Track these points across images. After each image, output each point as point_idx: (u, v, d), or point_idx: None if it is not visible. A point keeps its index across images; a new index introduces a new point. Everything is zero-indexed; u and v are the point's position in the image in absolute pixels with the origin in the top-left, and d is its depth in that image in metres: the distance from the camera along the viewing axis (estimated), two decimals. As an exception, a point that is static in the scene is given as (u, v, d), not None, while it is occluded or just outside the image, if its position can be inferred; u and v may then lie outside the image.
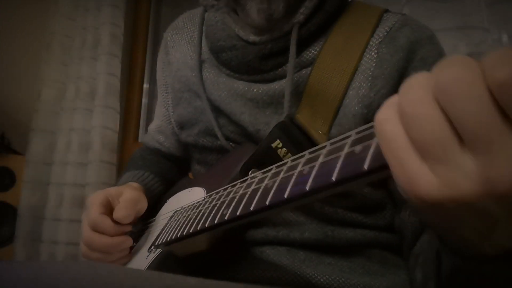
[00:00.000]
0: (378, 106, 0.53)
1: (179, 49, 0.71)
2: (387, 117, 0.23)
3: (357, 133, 0.28)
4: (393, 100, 0.24)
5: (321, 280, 0.50)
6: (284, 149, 0.51)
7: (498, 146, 0.19)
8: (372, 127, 0.27)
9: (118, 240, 0.54)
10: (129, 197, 0.57)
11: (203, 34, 0.67)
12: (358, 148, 0.26)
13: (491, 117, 0.19)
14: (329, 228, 0.54)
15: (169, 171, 0.76)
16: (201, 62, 0.65)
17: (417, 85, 0.22)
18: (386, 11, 0.60)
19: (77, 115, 1.62)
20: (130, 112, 1.85)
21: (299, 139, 0.51)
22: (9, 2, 1.73)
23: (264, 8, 0.55)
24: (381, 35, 0.56)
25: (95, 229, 0.53)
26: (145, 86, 1.91)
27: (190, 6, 0.78)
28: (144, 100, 1.89)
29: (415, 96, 0.22)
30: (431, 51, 0.56)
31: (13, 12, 1.75)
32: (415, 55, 0.55)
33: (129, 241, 0.54)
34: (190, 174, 0.81)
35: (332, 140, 0.31)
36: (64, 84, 1.69)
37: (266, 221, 0.55)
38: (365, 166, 0.25)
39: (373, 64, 0.55)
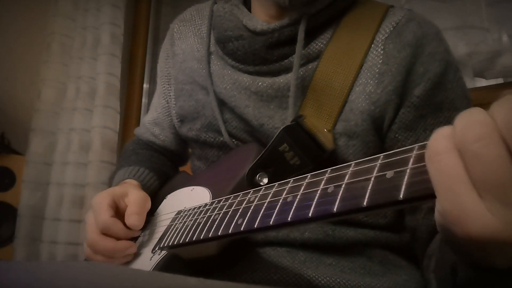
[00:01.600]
0: (384, 102, 0.53)
1: (186, 41, 0.71)
2: (445, 149, 0.23)
3: (386, 156, 0.27)
4: (446, 131, 0.24)
5: (322, 282, 0.50)
6: (291, 152, 0.51)
7: None
8: (400, 152, 0.26)
9: (123, 245, 0.53)
10: (137, 199, 0.56)
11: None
12: (389, 173, 0.26)
13: None
14: (330, 227, 0.54)
15: (163, 166, 0.75)
16: (209, 54, 0.65)
17: (479, 123, 0.22)
18: (392, 6, 0.60)
19: (77, 115, 1.62)
20: (130, 112, 1.84)
21: (306, 143, 0.51)
22: (9, 2, 1.73)
23: None
24: (387, 30, 0.56)
25: (106, 232, 0.53)
26: (145, 86, 1.90)
27: (190, 6, 0.78)
28: (144, 100, 1.89)
29: (480, 135, 0.22)
30: (438, 47, 0.55)
31: (13, 12, 1.75)
32: (423, 50, 0.54)
33: (133, 248, 0.54)
34: (182, 169, 0.79)
35: (357, 161, 0.30)
36: (64, 84, 1.69)
37: None
38: (401, 195, 0.24)
39: (380, 61, 0.54)
